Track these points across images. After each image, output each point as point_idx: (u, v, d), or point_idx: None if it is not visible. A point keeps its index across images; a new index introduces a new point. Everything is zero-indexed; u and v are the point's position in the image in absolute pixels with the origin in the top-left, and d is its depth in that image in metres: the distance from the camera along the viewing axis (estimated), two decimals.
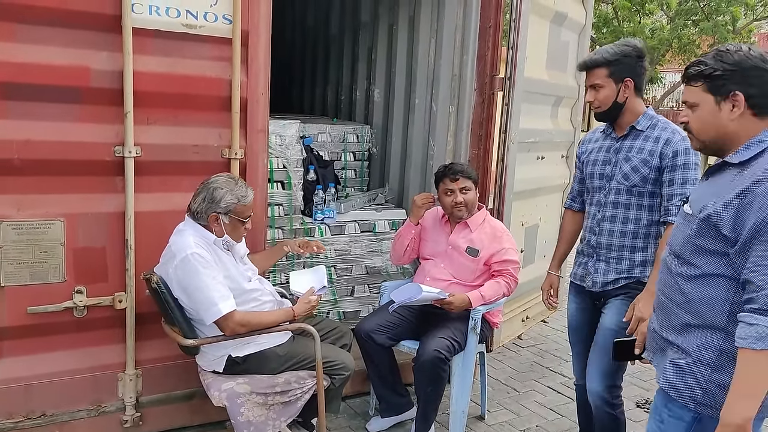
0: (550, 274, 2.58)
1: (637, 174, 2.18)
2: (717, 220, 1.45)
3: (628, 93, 2.18)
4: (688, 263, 1.54)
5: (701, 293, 1.51)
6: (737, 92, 1.45)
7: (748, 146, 1.47)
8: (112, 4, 2.20)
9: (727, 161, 1.51)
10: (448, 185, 2.78)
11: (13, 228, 2.18)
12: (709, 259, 1.49)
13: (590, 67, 2.20)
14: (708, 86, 1.50)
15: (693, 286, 1.53)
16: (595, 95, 2.20)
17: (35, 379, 2.30)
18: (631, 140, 2.22)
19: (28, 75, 2.12)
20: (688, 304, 1.53)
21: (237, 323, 2.18)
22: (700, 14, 13.67)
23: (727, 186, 1.46)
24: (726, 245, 1.45)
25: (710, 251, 1.49)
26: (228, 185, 2.22)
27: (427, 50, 3.62)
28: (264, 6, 2.47)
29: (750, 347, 1.36)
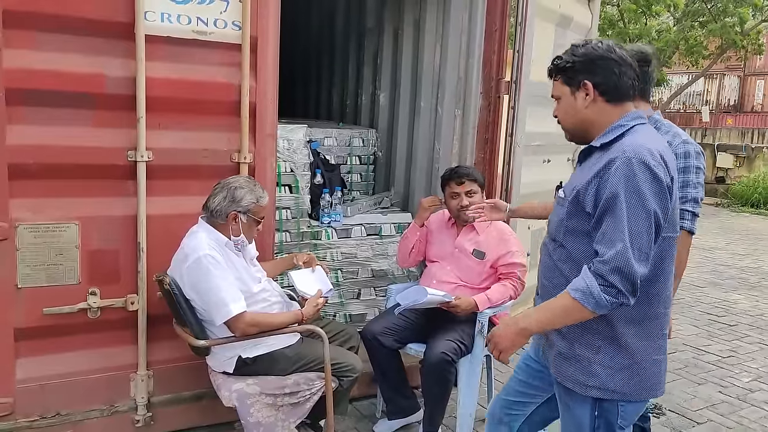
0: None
1: None
2: (581, 199, 1.54)
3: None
4: (562, 246, 1.62)
5: (569, 272, 1.57)
6: (586, 81, 1.56)
7: (610, 130, 1.57)
8: (125, 12, 2.25)
9: (592, 145, 1.61)
10: (454, 188, 2.80)
11: (30, 231, 2.23)
12: (579, 240, 1.57)
13: None
14: (563, 79, 1.61)
15: (568, 268, 1.59)
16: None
17: (50, 379, 2.35)
18: None
19: (45, 82, 2.18)
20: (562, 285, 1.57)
21: (247, 324, 2.22)
22: (707, 16, 13.62)
23: (592, 168, 1.55)
24: (589, 223, 1.54)
25: (580, 232, 1.56)
26: (248, 185, 2.30)
27: (433, 54, 3.65)
28: (272, 12, 2.51)
29: (570, 292, 1.49)
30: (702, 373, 3.80)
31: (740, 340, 4.46)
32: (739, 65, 20.88)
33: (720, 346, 4.30)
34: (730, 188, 12.18)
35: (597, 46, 1.57)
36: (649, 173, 1.44)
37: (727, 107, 22.17)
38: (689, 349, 4.23)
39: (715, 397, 3.47)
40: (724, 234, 8.90)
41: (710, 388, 3.58)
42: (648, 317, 1.57)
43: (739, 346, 4.33)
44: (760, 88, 21.64)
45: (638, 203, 1.44)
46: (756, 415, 3.27)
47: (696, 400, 3.41)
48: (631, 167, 1.44)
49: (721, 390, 3.57)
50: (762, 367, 3.95)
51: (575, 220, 1.57)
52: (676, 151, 2.11)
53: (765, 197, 11.32)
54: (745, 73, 21.80)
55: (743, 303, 5.41)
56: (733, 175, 12.76)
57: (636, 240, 1.43)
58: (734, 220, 10.36)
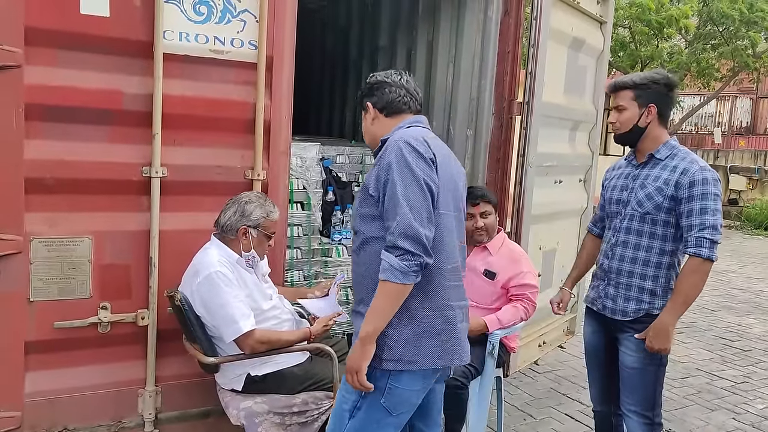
0: (562, 289, 2.58)
1: (651, 201, 2.18)
2: (366, 184, 1.77)
3: (650, 119, 2.20)
4: (357, 233, 1.82)
5: (367, 258, 1.76)
6: (368, 102, 1.90)
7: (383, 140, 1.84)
8: (144, 32, 2.29)
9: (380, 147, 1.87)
10: (469, 209, 2.79)
11: (44, 245, 2.25)
12: (369, 225, 1.76)
13: (617, 88, 2.24)
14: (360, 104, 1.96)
15: (362, 254, 1.78)
16: (617, 116, 2.23)
17: (59, 393, 2.34)
18: (649, 168, 2.23)
19: (65, 98, 2.21)
20: (364, 273, 1.77)
21: (257, 341, 2.21)
22: (718, 38, 13.64)
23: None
24: (376, 207, 1.73)
25: (369, 216, 1.76)
26: (259, 200, 2.32)
27: (445, 74, 3.69)
28: (288, 32, 2.55)
29: (381, 278, 1.65)
30: (715, 399, 3.73)
31: (754, 365, 4.38)
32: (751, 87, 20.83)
33: (734, 372, 4.22)
34: (743, 211, 12.06)
35: (377, 74, 1.93)
36: (411, 149, 1.69)
37: (740, 129, 22.08)
38: (702, 374, 4.16)
39: (729, 424, 3.40)
40: (737, 257, 8.79)
41: (724, 415, 3.51)
42: (430, 290, 1.74)
43: (753, 371, 4.25)
44: None
45: (408, 174, 1.67)
46: None
47: (709, 427, 3.35)
48: (398, 147, 1.70)
49: (735, 417, 3.50)
50: None
51: (365, 206, 1.77)
52: (694, 178, 2.10)
53: None
54: (758, 95, 21.74)
55: (757, 327, 5.33)
56: (746, 198, 12.65)
57: (414, 206, 1.65)
58: (747, 243, 10.24)
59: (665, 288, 2.19)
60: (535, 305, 2.79)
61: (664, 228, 2.17)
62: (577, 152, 4.10)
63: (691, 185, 2.10)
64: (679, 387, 3.88)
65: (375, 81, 1.92)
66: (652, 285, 2.19)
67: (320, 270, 3.29)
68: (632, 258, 2.22)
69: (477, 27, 3.41)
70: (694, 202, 2.09)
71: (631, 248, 2.22)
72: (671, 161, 2.19)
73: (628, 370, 2.23)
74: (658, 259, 2.18)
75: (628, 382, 2.24)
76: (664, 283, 2.19)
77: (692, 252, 2.06)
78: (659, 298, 2.19)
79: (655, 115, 2.20)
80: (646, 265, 2.19)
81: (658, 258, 2.18)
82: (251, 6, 2.45)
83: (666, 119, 2.24)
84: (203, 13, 2.37)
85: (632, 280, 2.21)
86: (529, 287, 2.76)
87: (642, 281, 2.20)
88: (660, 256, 2.18)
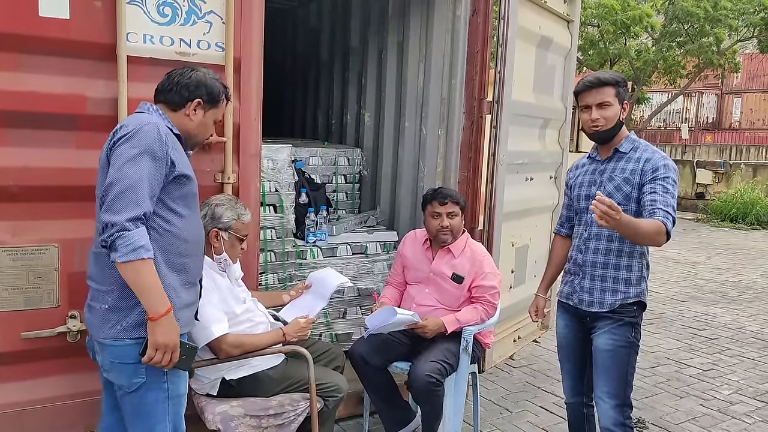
0: (537, 296, 2.62)
1: (620, 192, 2.24)
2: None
3: (624, 116, 2.29)
4: None
5: None
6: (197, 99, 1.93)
7: None
8: (107, 34, 2.25)
9: None
10: (437, 208, 2.81)
11: (8, 254, 2.20)
12: None
13: (602, 84, 2.26)
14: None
15: None
16: (603, 113, 2.25)
17: (29, 405, 2.29)
18: (615, 162, 2.30)
19: (26, 103, 2.16)
20: None
21: (230, 345, 2.20)
22: (684, 36, 13.99)
23: None
24: None
25: None
26: (229, 203, 2.32)
27: (416, 74, 3.71)
28: (256, 33, 2.53)
29: None
30: (684, 387, 3.83)
31: (721, 353, 4.52)
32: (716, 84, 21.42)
33: (701, 360, 4.35)
34: (710, 204, 12.39)
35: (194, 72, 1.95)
36: None
37: (706, 125, 22.68)
38: (671, 362, 4.27)
39: (697, 410, 3.50)
40: (704, 249, 9.04)
41: (692, 402, 3.61)
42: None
43: (720, 359, 4.38)
44: (737, 105, 22.20)
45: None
46: (737, 427, 3.31)
47: (678, 414, 3.44)
48: None
49: (703, 403, 3.60)
50: (742, 379, 3.99)
51: None
52: (657, 164, 2.20)
53: (743, 212, 11.53)
54: (723, 91, 22.36)
55: (724, 316, 5.49)
56: (712, 191, 12.99)
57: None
58: (714, 235, 10.53)
59: (639, 276, 2.27)
60: (495, 306, 2.81)
61: (635, 217, 2.23)
62: (547, 150, 4.17)
63: (654, 170, 2.19)
64: (649, 376, 3.98)
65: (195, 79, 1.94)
66: (626, 274, 2.26)
67: (295, 272, 3.28)
68: (606, 249, 2.28)
69: (446, 26, 3.44)
70: (657, 183, 2.16)
71: (605, 240, 2.28)
72: (634, 153, 2.27)
73: (601, 353, 2.28)
74: (630, 248, 2.25)
75: (601, 366, 2.29)
76: (637, 271, 2.27)
77: (660, 220, 2.08)
78: (633, 285, 2.26)
79: (626, 112, 2.30)
80: (620, 255, 2.26)
81: (630, 247, 2.25)
82: (217, 7, 2.43)
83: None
84: (167, 15, 2.34)
85: (607, 271, 2.28)
86: (488, 288, 2.78)
87: (617, 271, 2.26)
88: (631, 245, 2.25)
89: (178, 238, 1.83)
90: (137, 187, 1.68)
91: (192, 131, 1.95)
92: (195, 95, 1.91)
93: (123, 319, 1.77)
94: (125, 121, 1.83)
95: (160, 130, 1.77)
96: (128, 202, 1.66)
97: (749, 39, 14.96)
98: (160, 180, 1.75)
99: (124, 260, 1.65)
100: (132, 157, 1.69)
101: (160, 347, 1.73)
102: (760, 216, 11.33)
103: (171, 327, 1.74)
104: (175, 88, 1.90)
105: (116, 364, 1.80)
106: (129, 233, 1.64)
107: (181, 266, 1.84)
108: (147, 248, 1.68)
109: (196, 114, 1.93)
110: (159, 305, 1.72)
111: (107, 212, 1.66)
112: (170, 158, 1.77)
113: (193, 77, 1.92)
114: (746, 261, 8.21)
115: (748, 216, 11.41)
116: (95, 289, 1.82)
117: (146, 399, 1.81)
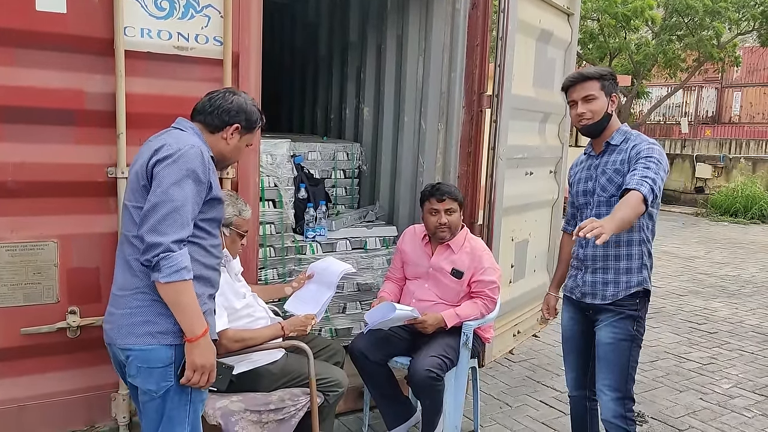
0: (549, 294, 2.63)
1: (613, 184, 2.25)
2: None
3: (613, 108, 2.29)
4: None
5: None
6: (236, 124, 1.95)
7: None
8: (104, 28, 2.24)
9: None
10: (434, 205, 2.81)
11: (7, 250, 2.20)
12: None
13: (584, 79, 2.27)
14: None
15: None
16: (589, 106, 2.26)
17: (29, 400, 2.30)
18: (607, 155, 2.32)
19: (24, 98, 2.16)
20: None
21: (230, 340, 2.20)
22: (684, 29, 13.94)
23: None
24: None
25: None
26: (230, 199, 2.30)
27: (416, 69, 3.69)
28: (254, 28, 2.52)
29: None
30: (683, 381, 3.84)
31: (720, 347, 4.52)
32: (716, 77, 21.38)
33: (701, 354, 4.36)
34: (709, 198, 12.39)
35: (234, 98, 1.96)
36: None
37: (706, 119, 22.64)
38: (671, 356, 4.27)
39: (697, 404, 3.51)
40: (703, 243, 9.04)
41: (691, 395, 3.62)
42: None
43: (719, 353, 4.39)
44: (737, 99, 22.15)
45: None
46: (736, 421, 3.32)
47: (678, 407, 3.45)
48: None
49: (702, 397, 3.61)
50: (741, 373, 4.00)
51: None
52: (641, 148, 2.19)
53: (743, 206, 11.54)
54: (723, 85, 22.31)
55: (723, 311, 5.50)
56: (711, 186, 12.99)
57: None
58: (713, 229, 10.54)
59: (640, 264, 2.28)
60: (494, 301, 2.81)
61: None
62: (547, 144, 4.16)
63: (638, 153, 2.19)
64: (649, 370, 3.98)
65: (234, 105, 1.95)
66: (627, 263, 2.27)
67: (294, 267, 3.27)
68: (605, 242, 2.26)
69: (445, 20, 3.42)
70: (639, 162, 2.15)
71: None
72: (625, 144, 2.28)
73: (603, 346, 2.29)
74: (629, 237, 2.26)
75: (603, 359, 2.30)
76: (638, 259, 2.27)
77: (634, 187, 2.05)
78: (635, 274, 2.27)
79: (615, 104, 2.29)
80: (619, 245, 2.27)
81: (628, 236, 2.26)
82: (215, 1, 2.41)
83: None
84: (165, 9, 2.33)
85: (608, 263, 2.28)
86: (488, 283, 2.78)
87: (617, 262, 2.27)
88: (630, 234, 2.25)
89: (207, 251, 1.85)
90: (182, 210, 1.71)
91: (227, 154, 1.97)
92: (235, 120, 1.92)
93: (151, 325, 1.76)
94: (167, 138, 1.81)
95: (204, 154, 1.79)
96: (173, 225, 1.69)
97: (749, 32, 14.91)
98: (200, 203, 1.78)
99: (167, 281, 1.68)
100: (178, 179, 1.72)
101: (197, 368, 1.74)
102: (764, 209, 11.31)
103: (208, 348, 1.76)
104: (216, 111, 1.91)
105: (144, 369, 1.78)
106: (174, 255, 1.67)
107: (208, 277, 1.87)
108: (189, 269, 1.71)
109: (232, 138, 1.94)
110: (197, 326, 1.73)
111: (152, 233, 1.68)
112: (210, 181, 1.80)
113: (235, 102, 1.93)
114: (746, 255, 8.22)
115: (748, 210, 11.42)
116: (119, 296, 1.82)
117: (171, 403, 1.81)
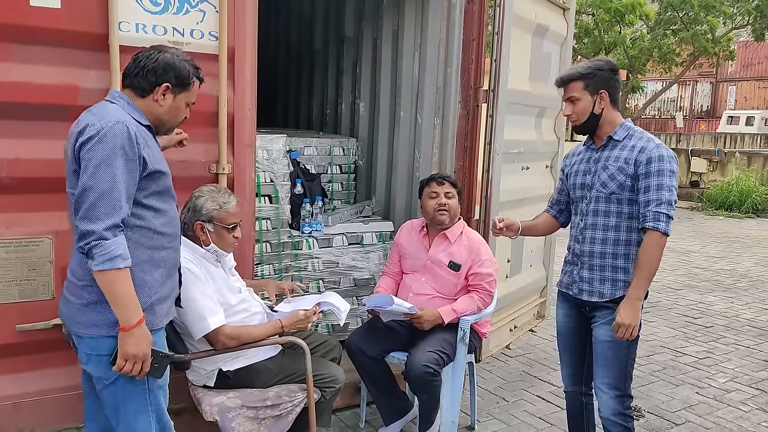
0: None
1: (614, 181, 2.24)
2: None
3: (603, 105, 2.25)
4: None
5: None
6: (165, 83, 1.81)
7: None
8: (99, 23, 2.22)
9: None
10: (434, 188, 2.81)
11: (2, 246, 2.19)
12: None
13: (566, 81, 2.28)
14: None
15: None
16: (573, 108, 2.27)
17: (24, 397, 2.29)
18: (609, 150, 2.28)
19: (18, 94, 2.14)
20: None
21: (227, 336, 2.19)
22: (679, 24, 13.97)
23: None
24: None
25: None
26: (210, 193, 2.27)
27: (412, 63, 3.68)
28: (250, 23, 2.51)
29: None
30: (679, 375, 3.86)
31: (716, 341, 4.55)
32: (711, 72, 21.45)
33: (696, 348, 4.38)
34: (704, 192, 12.44)
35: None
36: None
37: (701, 113, 22.72)
38: (667, 351, 4.30)
39: (693, 398, 3.53)
40: (699, 237, 9.08)
41: (688, 390, 3.64)
42: None
43: (715, 347, 4.42)
44: (732, 93, 22.24)
45: None
46: (732, 415, 3.34)
47: (674, 402, 3.47)
48: None
49: (698, 391, 3.63)
50: (737, 367, 4.03)
51: None
52: (651, 155, 2.17)
53: (738, 200, 11.58)
54: (717, 79, 22.39)
55: (718, 305, 5.52)
56: (706, 180, 13.04)
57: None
58: (709, 223, 10.58)
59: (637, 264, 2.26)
60: (491, 294, 2.81)
61: (630, 206, 2.23)
62: (543, 139, 4.16)
63: (648, 162, 2.16)
64: (645, 364, 4.00)
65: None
66: (624, 263, 2.26)
67: (291, 263, 3.27)
68: (602, 239, 2.27)
69: (441, 15, 3.41)
70: (651, 179, 2.15)
71: (601, 230, 2.28)
72: (629, 141, 2.25)
73: (601, 344, 2.29)
74: (627, 236, 2.25)
75: (601, 357, 2.30)
76: (635, 259, 2.26)
77: (651, 226, 2.12)
78: (633, 272, 2.25)
79: (607, 101, 2.25)
80: (617, 244, 2.26)
81: (627, 235, 2.25)
82: None
83: (617, 102, 2.30)
84: (160, 4, 2.31)
85: (605, 261, 2.27)
86: (485, 276, 2.78)
87: (614, 260, 2.26)
88: (628, 233, 2.24)
89: (155, 232, 1.78)
90: (112, 193, 1.62)
91: (162, 117, 1.82)
92: (163, 79, 1.77)
93: (100, 315, 1.73)
94: (90, 117, 1.69)
95: (130, 128, 1.67)
96: (105, 210, 1.61)
97: (744, 27, 14.94)
98: (134, 181, 1.68)
99: (100, 269, 1.62)
100: (104, 160, 1.62)
101: (130, 358, 1.70)
102: (757, 204, 11.36)
103: (142, 338, 1.71)
104: (142, 72, 1.76)
105: (93, 356, 1.77)
106: (106, 242, 1.61)
107: (159, 260, 1.80)
108: (124, 257, 1.64)
109: (165, 99, 1.80)
110: (131, 316, 1.68)
111: (84, 220, 1.61)
112: (142, 156, 1.69)
113: (161, 60, 1.77)
114: (741, 249, 8.26)
115: (742, 204, 11.47)
116: (72, 283, 1.78)
117: (126, 391, 1.79)
